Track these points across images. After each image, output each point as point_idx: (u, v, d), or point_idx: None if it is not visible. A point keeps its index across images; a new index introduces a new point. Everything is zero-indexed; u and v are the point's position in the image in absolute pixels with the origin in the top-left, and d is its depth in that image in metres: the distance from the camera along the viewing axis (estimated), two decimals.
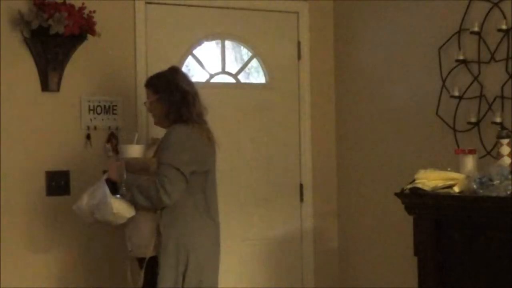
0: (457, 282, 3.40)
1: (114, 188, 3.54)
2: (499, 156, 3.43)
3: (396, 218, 4.08)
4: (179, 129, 3.57)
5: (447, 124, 4.02)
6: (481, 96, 3.83)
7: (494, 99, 3.76)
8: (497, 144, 3.49)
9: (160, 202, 3.46)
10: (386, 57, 4.53)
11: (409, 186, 3.51)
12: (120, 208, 3.49)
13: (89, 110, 4.27)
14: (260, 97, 4.80)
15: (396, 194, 3.57)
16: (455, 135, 3.96)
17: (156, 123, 3.76)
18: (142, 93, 4.39)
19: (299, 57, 4.88)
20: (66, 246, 4.21)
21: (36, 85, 4.16)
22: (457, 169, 3.52)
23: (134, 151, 3.63)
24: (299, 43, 4.88)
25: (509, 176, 3.19)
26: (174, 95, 3.63)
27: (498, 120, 3.68)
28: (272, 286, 4.73)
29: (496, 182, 3.18)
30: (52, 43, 4.04)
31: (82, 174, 4.23)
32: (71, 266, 4.22)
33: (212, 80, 4.71)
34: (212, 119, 4.06)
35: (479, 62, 3.85)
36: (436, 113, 4.08)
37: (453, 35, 3.99)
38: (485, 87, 3.82)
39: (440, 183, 3.44)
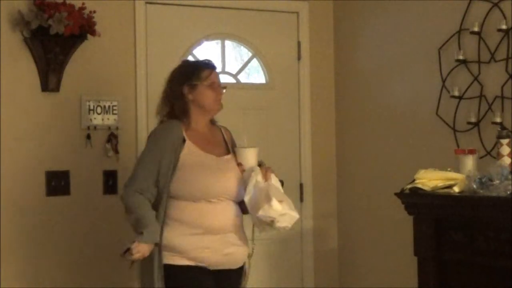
0: (457, 282, 3.40)
1: None
2: (499, 156, 3.43)
3: (396, 218, 4.08)
4: None
5: (447, 124, 4.02)
6: (481, 96, 3.83)
7: (494, 99, 3.76)
8: (497, 144, 3.49)
9: None
10: (386, 57, 4.53)
11: (409, 186, 3.51)
12: None
13: (89, 110, 4.27)
14: (260, 97, 4.79)
15: (396, 194, 3.57)
16: (455, 135, 3.96)
17: (216, 112, 3.62)
18: (142, 93, 4.40)
19: (299, 57, 4.88)
20: (66, 246, 4.21)
21: (36, 85, 4.16)
22: (457, 169, 3.52)
23: (255, 153, 3.43)
24: (299, 43, 4.88)
25: (509, 176, 3.20)
26: None
27: (498, 120, 3.68)
28: (272, 286, 4.73)
29: (496, 182, 3.19)
30: (52, 43, 4.03)
31: (82, 174, 4.23)
32: (71, 266, 4.21)
33: None
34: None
35: (479, 62, 3.85)
36: (436, 113, 4.08)
37: (453, 35, 3.99)
38: (485, 87, 3.82)
39: (440, 183, 3.44)
